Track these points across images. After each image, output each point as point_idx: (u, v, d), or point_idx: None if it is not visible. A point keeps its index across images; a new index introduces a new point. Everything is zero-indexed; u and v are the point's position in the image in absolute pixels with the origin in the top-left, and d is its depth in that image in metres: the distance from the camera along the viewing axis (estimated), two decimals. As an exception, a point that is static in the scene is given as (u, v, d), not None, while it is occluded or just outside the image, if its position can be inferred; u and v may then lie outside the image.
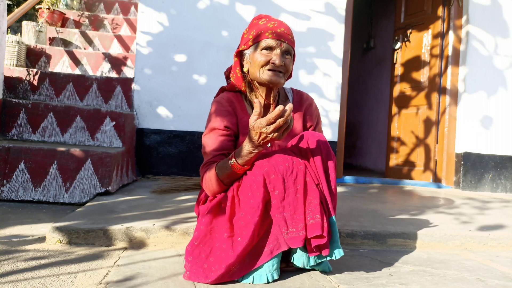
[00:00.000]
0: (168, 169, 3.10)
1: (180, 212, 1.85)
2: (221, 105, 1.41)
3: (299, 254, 1.26)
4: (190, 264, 1.22)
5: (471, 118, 3.64)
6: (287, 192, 1.19)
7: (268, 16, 1.41)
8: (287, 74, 1.39)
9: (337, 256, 1.24)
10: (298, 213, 1.19)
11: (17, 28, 5.85)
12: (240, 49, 1.42)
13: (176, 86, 3.15)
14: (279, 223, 1.19)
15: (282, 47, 1.34)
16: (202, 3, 3.21)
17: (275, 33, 1.33)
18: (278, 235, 1.20)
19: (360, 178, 3.67)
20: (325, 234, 1.17)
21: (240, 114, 1.42)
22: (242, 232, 1.19)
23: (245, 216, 1.20)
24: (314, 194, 1.20)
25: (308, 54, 3.36)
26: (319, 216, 1.18)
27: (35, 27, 3.77)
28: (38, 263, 1.29)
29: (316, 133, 1.30)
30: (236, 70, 1.43)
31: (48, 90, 2.97)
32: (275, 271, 1.22)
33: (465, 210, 2.45)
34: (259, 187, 1.19)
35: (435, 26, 3.90)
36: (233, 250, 1.18)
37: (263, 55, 1.33)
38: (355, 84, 6.17)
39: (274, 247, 1.21)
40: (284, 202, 1.19)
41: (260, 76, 1.35)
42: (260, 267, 1.21)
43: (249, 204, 1.20)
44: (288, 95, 1.54)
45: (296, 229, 1.18)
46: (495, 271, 1.48)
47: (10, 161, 2.18)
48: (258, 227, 1.20)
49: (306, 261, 1.25)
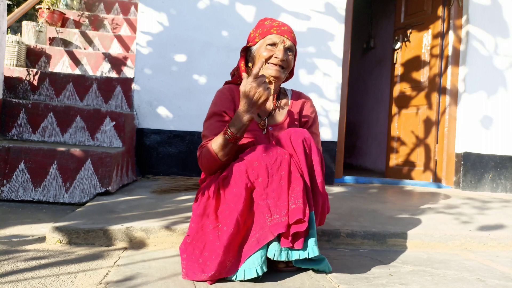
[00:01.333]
0: (168, 169, 3.10)
1: (180, 212, 1.85)
2: (222, 93, 1.49)
3: (272, 245, 1.20)
4: (186, 261, 1.23)
5: (471, 118, 3.64)
6: (271, 179, 1.21)
7: (272, 19, 1.52)
8: (288, 70, 1.47)
9: (310, 253, 1.20)
10: (281, 199, 1.19)
11: (17, 28, 5.85)
12: (247, 45, 1.52)
13: (176, 86, 3.15)
14: (263, 210, 1.20)
15: (285, 44, 1.43)
16: (202, 3, 3.21)
17: (279, 30, 1.44)
18: (263, 223, 1.20)
19: (360, 178, 3.67)
20: (305, 219, 1.17)
21: (238, 102, 1.47)
22: (226, 221, 1.20)
23: (229, 205, 1.22)
24: (297, 182, 1.22)
25: (308, 54, 3.36)
26: (301, 201, 1.18)
27: (35, 27, 3.77)
28: (38, 263, 1.29)
29: (299, 129, 1.31)
30: (241, 64, 1.50)
31: (48, 90, 2.97)
32: (264, 263, 1.20)
33: (465, 210, 2.45)
34: (241, 175, 1.21)
35: (435, 26, 3.90)
36: (220, 240, 1.19)
37: (267, 50, 1.43)
38: (355, 84, 6.17)
39: (260, 236, 1.19)
40: (267, 189, 1.20)
41: (263, 70, 1.43)
42: (248, 259, 1.20)
43: (232, 193, 1.22)
44: (288, 93, 1.61)
45: (279, 215, 1.18)
46: (495, 271, 1.48)
47: (10, 161, 2.18)
48: (244, 216, 1.21)
49: (277, 253, 1.19)
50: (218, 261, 1.17)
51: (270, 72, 1.43)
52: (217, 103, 1.46)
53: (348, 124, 5.74)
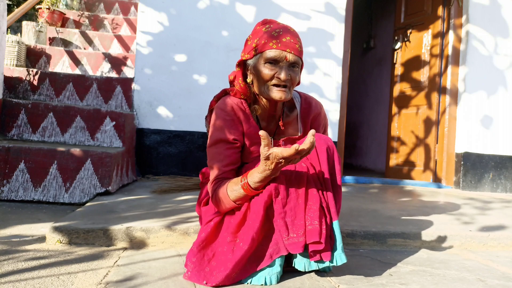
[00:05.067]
0: (168, 169, 3.10)
1: (180, 212, 1.85)
2: (226, 113, 1.32)
3: (299, 258, 1.23)
4: (193, 265, 1.21)
5: (471, 118, 3.64)
6: (290, 197, 1.18)
7: (273, 22, 1.29)
8: (294, 86, 1.29)
9: (338, 262, 1.20)
10: (298, 218, 1.18)
11: (17, 28, 5.85)
12: (243, 58, 1.31)
13: (176, 86, 3.15)
14: (280, 228, 1.17)
15: (288, 59, 1.22)
16: (202, 3, 3.21)
17: (280, 43, 1.21)
18: (279, 240, 1.19)
19: (360, 178, 3.67)
20: (322, 240, 1.16)
21: (245, 123, 1.36)
22: (243, 237, 1.19)
23: (247, 222, 1.21)
24: (314, 200, 1.19)
25: (308, 54, 3.36)
26: (317, 223, 1.17)
27: (35, 27, 3.77)
28: (38, 263, 1.29)
29: (323, 136, 1.27)
30: (239, 80, 1.33)
31: (48, 90, 2.97)
32: (274, 275, 1.21)
33: (465, 210, 2.45)
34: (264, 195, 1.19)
35: (435, 26, 3.90)
36: (233, 255, 1.18)
37: (267, 68, 1.23)
38: (355, 84, 6.17)
39: (273, 251, 1.20)
40: (286, 208, 1.18)
41: (265, 91, 1.27)
42: (260, 271, 1.21)
43: (252, 210, 1.21)
44: (296, 102, 1.44)
45: (297, 234, 1.17)
46: (495, 271, 1.48)
47: (10, 161, 2.18)
48: (259, 233, 1.20)
49: (307, 265, 1.23)
50: (225, 274, 1.16)
51: (274, 96, 1.24)
52: (223, 128, 1.31)
53: (348, 124, 5.74)
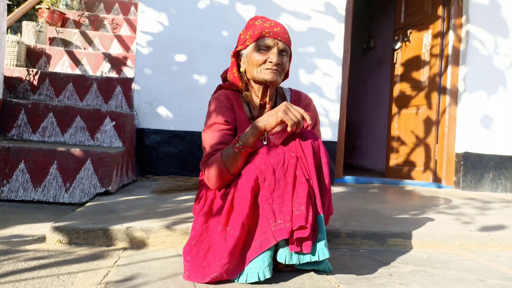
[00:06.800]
0: (168, 169, 3.10)
1: (180, 212, 1.85)
2: (220, 101, 1.43)
3: (282, 249, 1.22)
4: (189, 263, 1.21)
5: (471, 118, 3.64)
6: (278, 184, 1.20)
7: (263, 17, 1.44)
8: (283, 73, 1.41)
9: (320, 256, 1.19)
10: (286, 205, 1.19)
11: (17, 28, 5.85)
12: (237, 49, 1.44)
13: (176, 86, 3.15)
14: (268, 214, 1.19)
15: (279, 46, 1.36)
16: (202, 3, 3.21)
17: (272, 32, 1.36)
18: (266, 227, 1.19)
19: (360, 178, 3.67)
20: (308, 225, 1.15)
21: (237, 110, 1.45)
22: (233, 224, 1.20)
23: (235, 209, 1.22)
24: (302, 187, 1.20)
25: (308, 54, 3.36)
26: (304, 208, 1.17)
27: (35, 27, 3.77)
28: (38, 263, 1.29)
29: (307, 131, 1.30)
30: (233, 70, 1.45)
31: (48, 90, 2.97)
32: (267, 268, 1.18)
33: (465, 210, 2.45)
34: (249, 179, 1.20)
35: (435, 26, 3.90)
36: (226, 243, 1.19)
37: (261, 54, 1.37)
38: (355, 84, 6.17)
39: (263, 241, 1.19)
40: (274, 194, 1.19)
41: (258, 75, 1.38)
42: (251, 262, 1.19)
43: (239, 196, 1.22)
44: (286, 95, 1.54)
45: (284, 220, 1.17)
46: (495, 271, 1.48)
47: (10, 161, 2.18)
48: (249, 219, 1.20)
49: (288, 257, 1.20)
50: (221, 263, 1.17)
51: (266, 77, 1.37)
52: (216, 113, 1.40)
53: (348, 124, 5.74)
